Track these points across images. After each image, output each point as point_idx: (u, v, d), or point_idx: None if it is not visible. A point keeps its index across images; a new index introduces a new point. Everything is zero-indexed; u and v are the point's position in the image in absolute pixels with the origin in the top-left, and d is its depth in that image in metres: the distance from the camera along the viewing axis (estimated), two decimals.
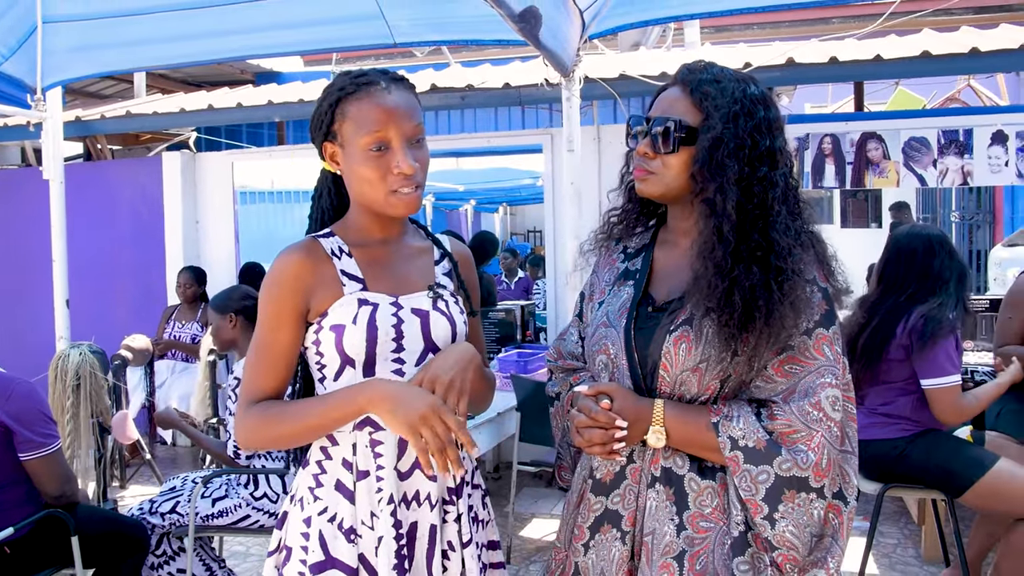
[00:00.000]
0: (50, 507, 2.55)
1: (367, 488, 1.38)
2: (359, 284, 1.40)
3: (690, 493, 1.34)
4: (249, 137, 8.00)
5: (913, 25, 5.47)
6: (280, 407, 1.37)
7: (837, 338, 1.33)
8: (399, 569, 1.35)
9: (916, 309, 2.73)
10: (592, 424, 1.32)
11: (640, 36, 6.38)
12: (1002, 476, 2.64)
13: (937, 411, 2.73)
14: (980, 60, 4.17)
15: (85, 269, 5.64)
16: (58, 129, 4.26)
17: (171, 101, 6.05)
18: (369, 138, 1.35)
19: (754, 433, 1.28)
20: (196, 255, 5.98)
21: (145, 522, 2.89)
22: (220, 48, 4.34)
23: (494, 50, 6.88)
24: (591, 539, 1.41)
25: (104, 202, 6.13)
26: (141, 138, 7.26)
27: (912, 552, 3.74)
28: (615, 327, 1.42)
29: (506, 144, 6.36)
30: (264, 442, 1.40)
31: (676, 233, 1.46)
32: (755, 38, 7.80)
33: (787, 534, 1.27)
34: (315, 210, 1.51)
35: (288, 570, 1.38)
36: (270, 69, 8.00)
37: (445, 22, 4.02)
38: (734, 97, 1.33)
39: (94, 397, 3.27)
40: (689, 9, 4.23)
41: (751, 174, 1.31)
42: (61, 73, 4.25)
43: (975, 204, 10.58)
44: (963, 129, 4.53)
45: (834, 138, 4.72)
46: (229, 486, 2.99)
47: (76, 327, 4.13)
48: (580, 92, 3.83)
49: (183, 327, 5.42)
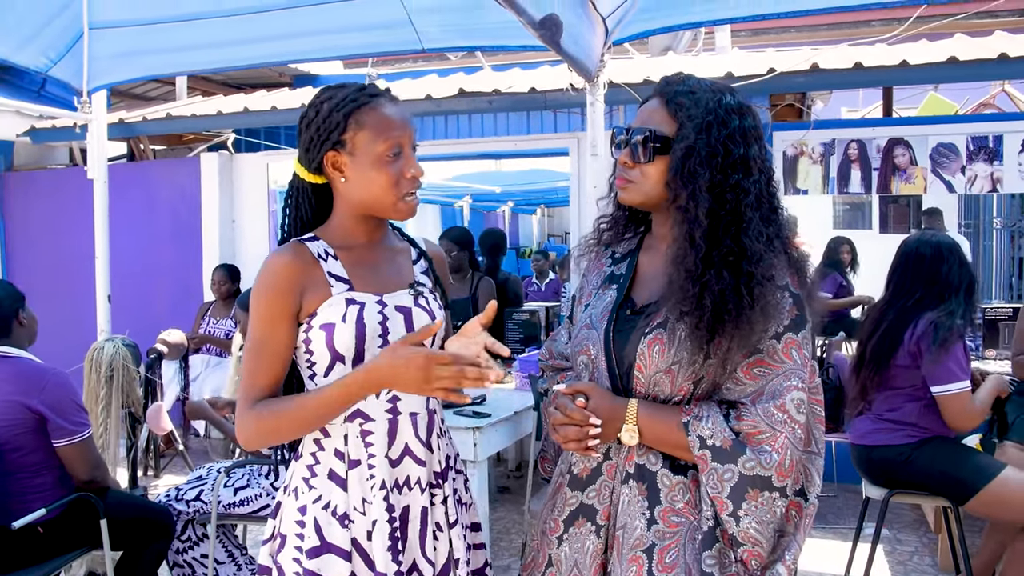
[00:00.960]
0: (81, 491, 2.69)
1: (359, 476, 1.45)
2: (346, 285, 1.48)
3: (662, 488, 1.39)
4: (287, 139, 8.16)
5: (946, 29, 5.42)
6: (278, 403, 1.43)
7: (806, 343, 1.37)
8: (393, 550, 1.42)
9: (924, 316, 2.74)
10: (567, 421, 1.38)
11: (670, 40, 6.39)
12: (1008, 484, 2.64)
13: (948, 418, 2.73)
14: (1009, 66, 4.12)
15: (126, 266, 5.84)
16: (102, 130, 4.43)
17: (210, 104, 6.24)
18: (386, 145, 1.44)
19: (721, 433, 1.33)
20: (232, 253, 6.15)
21: (171, 508, 3.01)
22: (260, 53, 4.46)
23: (525, 55, 6.94)
24: (565, 532, 1.47)
25: (145, 201, 6.34)
26: (184, 139, 7.48)
27: (929, 560, 3.72)
28: (596, 329, 1.48)
29: (534, 147, 6.43)
30: (265, 439, 1.44)
31: (658, 239, 1.51)
32: (788, 41, 7.74)
33: (751, 530, 1.31)
34: (292, 219, 1.57)
35: (283, 557, 1.45)
36: (308, 72, 8.16)
37: (472, 28, 4.10)
38: (707, 107, 1.37)
39: (126, 388, 3.41)
40: (713, 15, 4.25)
41: (723, 181, 1.35)
42: (106, 77, 4.42)
43: (1019, 211, 10.36)
44: (992, 135, 4.49)
45: (860, 144, 4.70)
46: (251, 476, 3.11)
47: (116, 321, 4.29)
48: (605, 97, 3.88)
49: (217, 323, 5.58)
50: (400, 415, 1.48)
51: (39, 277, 6.52)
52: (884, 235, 10.07)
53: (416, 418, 1.49)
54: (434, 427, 1.53)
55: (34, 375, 2.62)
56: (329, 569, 1.43)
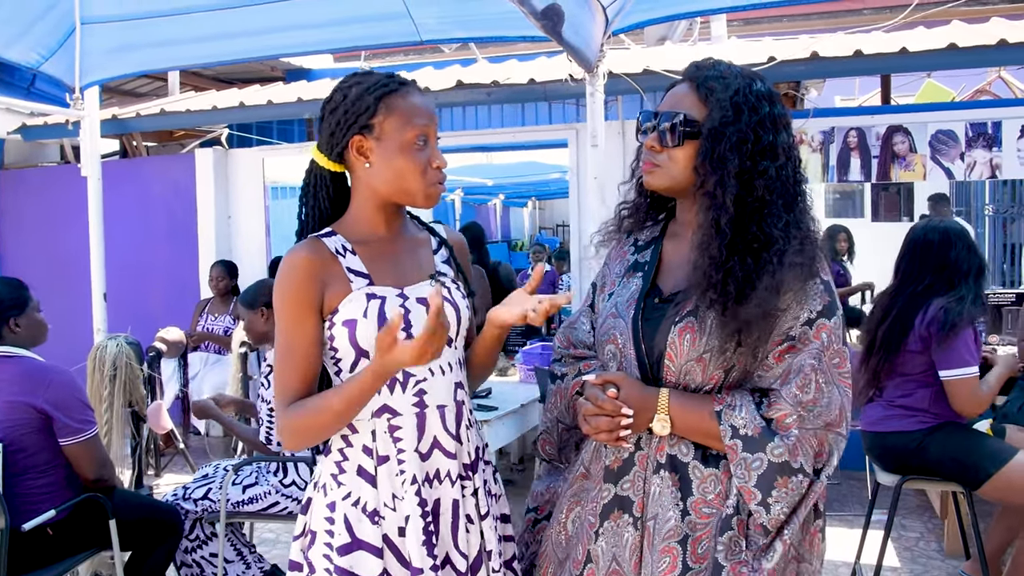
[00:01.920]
0: (89, 491, 2.66)
1: (388, 472, 1.44)
2: (365, 280, 1.46)
3: (694, 480, 1.38)
4: (280, 134, 8.12)
5: (943, 16, 5.42)
6: (308, 403, 1.41)
7: (838, 328, 1.37)
8: (427, 544, 1.40)
9: (934, 301, 2.74)
10: (598, 412, 1.37)
11: (666, 30, 6.38)
12: (1020, 469, 2.64)
13: (956, 403, 2.74)
14: (1008, 52, 4.13)
15: (121, 263, 5.79)
16: (95, 127, 4.38)
17: (203, 99, 6.18)
18: (414, 132, 1.43)
19: (752, 421, 1.32)
20: (228, 249, 6.11)
21: (179, 508, 2.99)
22: (253, 47, 4.42)
23: (521, 46, 6.92)
24: (601, 526, 1.45)
25: (139, 198, 6.29)
26: (175, 135, 7.42)
27: (935, 546, 3.74)
28: (623, 318, 1.46)
29: (532, 139, 6.41)
30: (300, 440, 1.42)
31: (683, 226, 1.50)
32: (783, 30, 7.74)
33: (782, 516, 1.31)
34: (310, 209, 1.53)
35: (313, 553, 1.44)
36: (300, 66, 8.11)
37: (471, 19, 4.08)
38: (739, 93, 1.37)
39: (130, 387, 3.38)
40: (712, 4, 4.24)
41: (752, 168, 1.35)
42: (98, 72, 4.37)
43: (1010, 197, 10.41)
44: (991, 122, 4.50)
45: (860, 131, 4.70)
46: (259, 473, 3.08)
47: (113, 320, 4.25)
48: (604, 87, 3.86)
49: (216, 320, 5.54)
50: (427, 408, 1.46)
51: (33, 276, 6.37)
52: (876, 223, 10.11)
53: (444, 410, 1.47)
54: (463, 418, 1.51)
55: (38, 374, 2.59)
56: (361, 566, 1.41)
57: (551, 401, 1.65)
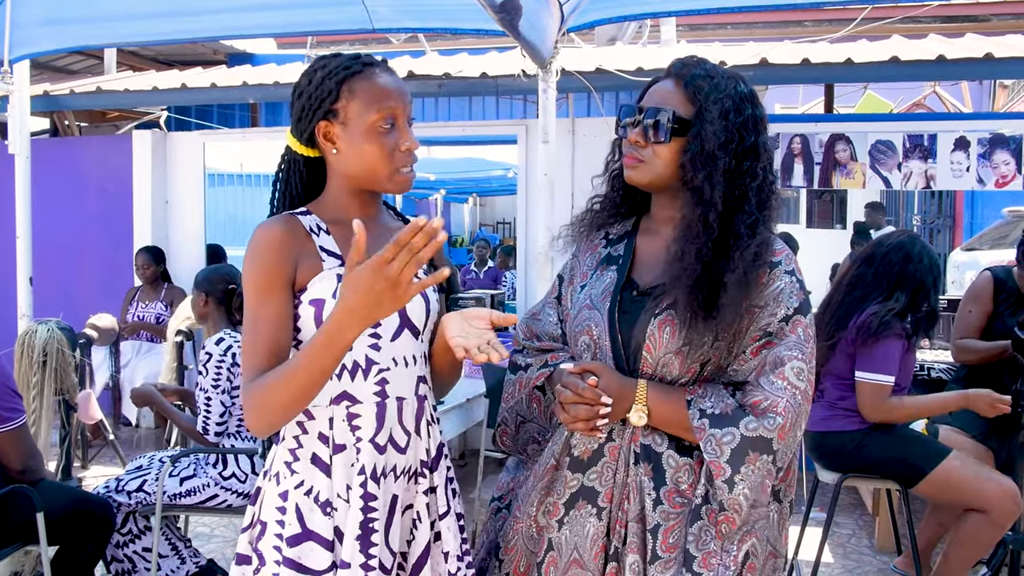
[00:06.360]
0: (14, 483, 2.53)
1: (344, 461, 1.39)
2: (337, 260, 1.42)
3: (667, 469, 1.40)
4: (220, 118, 7.91)
5: (883, 31, 5.60)
6: (269, 376, 1.31)
7: (811, 324, 1.41)
8: (363, 540, 1.35)
9: (868, 307, 2.82)
10: (578, 400, 1.37)
11: (616, 31, 6.43)
12: (954, 468, 2.74)
13: (861, 404, 2.79)
14: (946, 67, 4.29)
15: (51, 247, 5.55)
16: (25, 103, 4.18)
17: (144, 79, 5.97)
18: (379, 115, 1.39)
19: (722, 403, 1.35)
20: (164, 235, 5.92)
21: (111, 500, 2.87)
22: (195, 27, 4.28)
23: (471, 39, 6.87)
24: (566, 515, 1.44)
25: (71, 179, 6.03)
26: (109, 116, 7.15)
27: (866, 542, 3.85)
28: (598, 309, 1.47)
29: (481, 134, 6.38)
30: (262, 418, 1.32)
31: (658, 222, 1.51)
32: (729, 37, 7.90)
33: (740, 497, 1.33)
34: (282, 193, 1.50)
35: (263, 544, 1.39)
36: (243, 51, 7.92)
37: (424, 9, 4.03)
38: (726, 93, 1.39)
39: (61, 374, 3.23)
40: (667, 7, 4.28)
41: (736, 167, 1.38)
42: (30, 46, 4.17)
43: (936, 208, 10.83)
44: (928, 134, 4.65)
45: (804, 138, 4.81)
46: (197, 465, 2.99)
47: (41, 305, 4.07)
48: (557, 84, 3.87)
49: (146, 307, 5.37)
50: (388, 399, 1.42)
51: None
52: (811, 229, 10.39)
53: (403, 403, 1.43)
54: (424, 413, 1.47)
55: None
56: (310, 558, 1.36)
57: (508, 391, 1.63)
